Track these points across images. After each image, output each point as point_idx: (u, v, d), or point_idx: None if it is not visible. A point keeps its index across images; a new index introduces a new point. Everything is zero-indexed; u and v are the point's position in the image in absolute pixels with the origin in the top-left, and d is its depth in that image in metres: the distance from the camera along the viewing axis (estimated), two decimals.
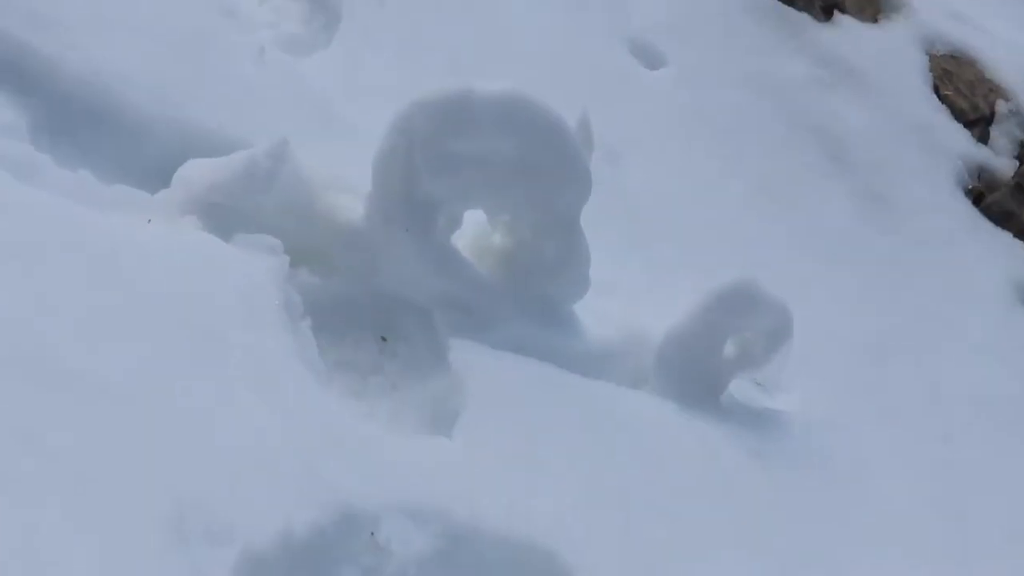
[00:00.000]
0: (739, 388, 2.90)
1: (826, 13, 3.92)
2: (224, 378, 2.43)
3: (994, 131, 3.86)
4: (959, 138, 3.78)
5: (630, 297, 2.89)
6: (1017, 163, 3.86)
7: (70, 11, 2.97)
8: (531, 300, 2.82)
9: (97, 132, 2.82)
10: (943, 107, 3.84)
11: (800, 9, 3.82)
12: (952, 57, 4.00)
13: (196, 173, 2.72)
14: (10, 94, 2.79)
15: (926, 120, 3.79)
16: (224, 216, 2.68)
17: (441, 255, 2.76)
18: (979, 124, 3.88)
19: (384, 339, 2.69)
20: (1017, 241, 3.67)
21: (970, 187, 3.73)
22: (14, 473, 2.12)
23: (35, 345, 2.36)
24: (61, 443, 2.20)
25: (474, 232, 2.84)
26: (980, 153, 3.80)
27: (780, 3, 3.85)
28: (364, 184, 2.73)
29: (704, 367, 2.85)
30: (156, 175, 2.76)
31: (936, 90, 3.88)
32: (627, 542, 2.53)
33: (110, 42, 2.92)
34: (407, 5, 3.32)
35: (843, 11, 3.91)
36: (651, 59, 3.57)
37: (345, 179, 2.74)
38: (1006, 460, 3.23)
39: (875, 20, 3.97)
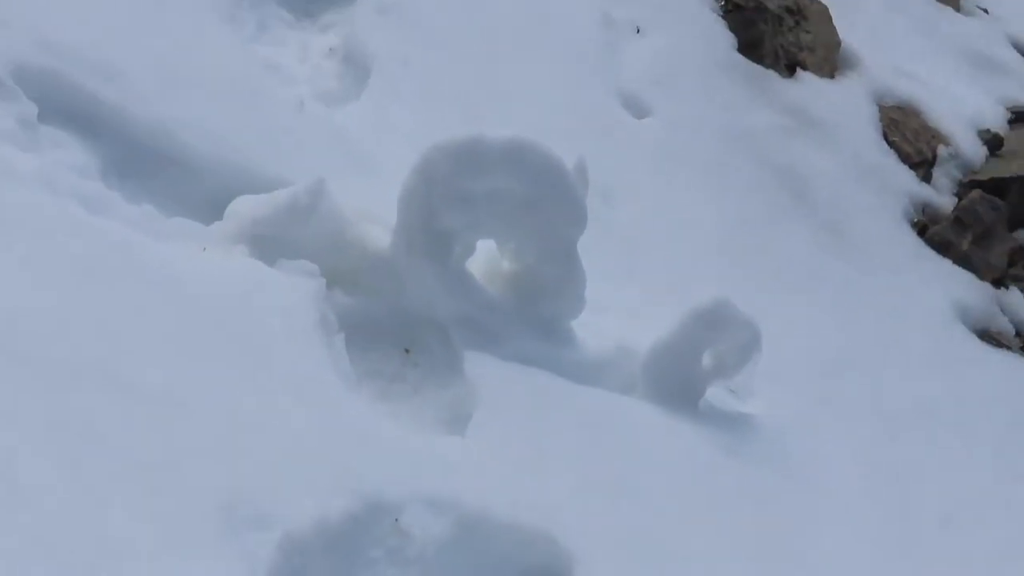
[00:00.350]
0: (715, 394, 2.90)
1: (790, 70, 3.92)
2: (267, 385, 2.43)
3: (936, 172, 3.87)
4: (905, 178, 3.78)
5: (620, 315, 2.90)
6: (956, 200, 3.86)
7: (135, 65, 2.97)
8: (534, 318, 2.82)
9: (159, 172, 2.82)
10: (892, 152, 3.84)
11: (767, 67, 3.82)
12: (899, 108, 4.00)
13: (244, 208, 2.73)
14: (84, 138, 2.80)
15: (877, 163, 3.79)
16: (269, 245, 2.69)
17: (456, 279, 2.77)
18: (923, 166, 3.89)
19: (407, 351, 2.69)
20: (956, 267, 3.68)
21: (915, 220, 3.73)
22: (88, 468, 2.12)
23: (105, 356, 2.37)
24: (127, 442, 2.20)
25: (485, 258, 2.84)
26: (924, 191, 3.80)
27: (750, 62, 3.85)
28: (390, 217, 2.73)
29: (684, 376, 2.85)
30: (210, 209, 2.76)
31: (885, 137, 3.88)
32: (618, 528, 2.53)
33: (170, 93, 2.92)
34: (427, 63, 3.32)
35: (804, 68, 3.90)
36: (638, 110, 3.57)
37: (373, 213, 2.74)
38: (943, 456, 3.23)
39: (832, 76, 3.98)
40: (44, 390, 2.23)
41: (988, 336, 3.57)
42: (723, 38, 3.89)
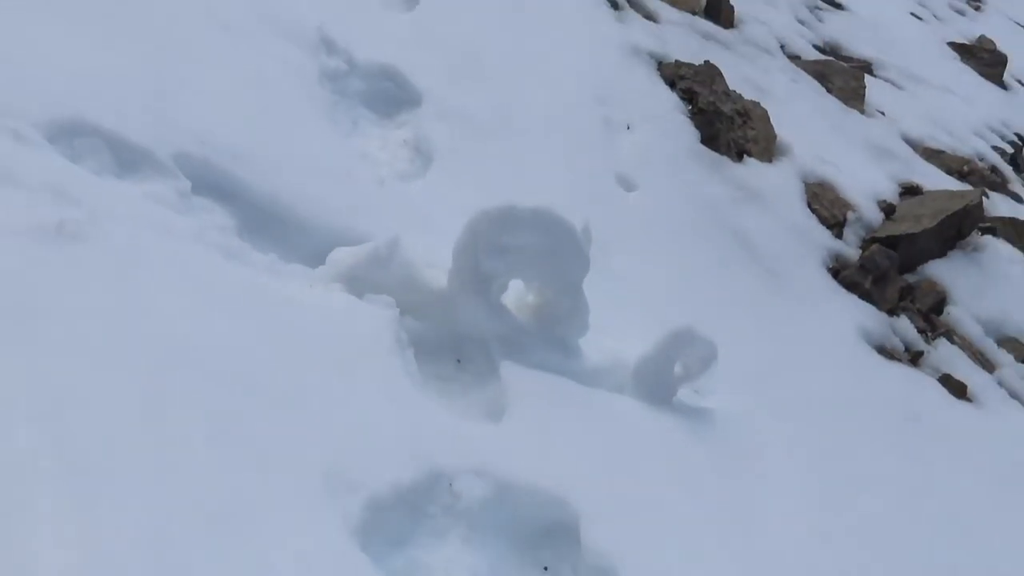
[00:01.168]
0: (684, 394, 2.90)
1: (739, 156, 3.93)
2: (355, 386, 2.44)
3: (846, 231, 3.89)
4: (824, 236, 3.78)
5: (614, 336, 2.90)
6: (860, 251, 3.87)
7: (261, 151, 2.99)
8: (551, 337, 2.83)
9: (279, 230, 2.84)
10: (813, 216, 3.85)
11: (723, 154, 3.84)
12: (819, 184, 4.01)
13: (341, 256, 2.74)
14: (224, 205, 2.82)
15: (803, 224, 3.79)
16: (358, 284, 2.70)
17: (495, 308, 2.78)
18: (836, 227, 3.90)
19: (459, 361, 2.71)
20: (860, 301, 3.68)
21: (831, 267, 3.73)
22: (218, 453, 2.13)
23: (241, 365, 2.38)
24: (260, 429, 2.21)
25: (515, 294, 2.85)
26: (837, 245, 3.80)
27: (710, 151, 3.88)
28: (446, 263, 2.74)
29: (661, 380, 2.85)
30: (316, 257, 2.78)
31: (809, 205, 3.89)
32: (614, 493, 2.52)
33: (287, 172, 2.94)
34: (472, 152, 3.34)
35: (750, 156, 3.90)
36: (628, 185, 3.58)
37: (434, 261, 2.76)
38: (856, 441, 3.22)
39: (771, 161, 4.00)
40: (204, 389, 2.25)
41: (884, 351, 3.58)
42: (691, 134, 3.90)
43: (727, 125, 3.87)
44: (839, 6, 5.42)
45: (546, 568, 2.35)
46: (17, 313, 2.15)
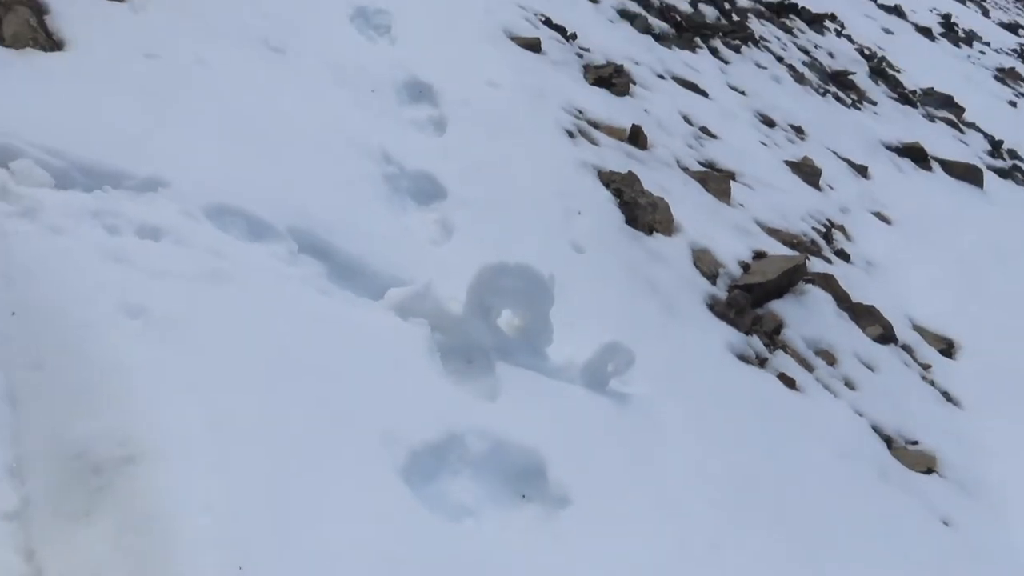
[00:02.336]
0: (613, 383, 2.89)
1: (650, 232, 3.92)
2: (401, 377, 2.44)
3: (718, 281, 3.88)
4: (704, 284, 3.77)
5: (569, 346, 2.88)
6: (728, 293, 3.89)
7: (341, 224, 2.96)
8: (529, 347, 2.81)
9: (354, 277, 2.82)
10: (698, 271, 3.86)
11: (640, 231, 3.85)
12: (701, 250, 4.01)
13: (394, 294, 2.73)
14: (318, 260, 2.80)
15: (691, 277, 3.78)
16: (405, 311, 2.68)
17: (493, 328, 2.77)
18: (712, 278, 3.88)
19: (469, 361, 2.68)
20: (728, 326, 3.68)
21: (708, 303, 3.74)
22: (312, 418, 2.13)
23: (324, 362, 2.38)
24: (333, 406, 2.22)
25: (506, 319, 2.83)
26: (712, 289, 3.79)
27: (632, 229, 3.89)
28: (462, 299, 2.73)
29: (600, 375, 2.83)
30: (378, 294, 2.76)
31: (695, 264, 3.90)
32: (570, 448, 2.51)
33: (361, 237, 2.94)
34: (477, 228, 3.33)
35: (657, 232, 3.90)
36: (579, 250, 3.57)
37: (456, 296, 2.75)
38: (723, 414, 3.20)
39: (671, 235, 4.01)
40: (303, 377, 2.25)
41: (743, 358, 3.57)
42: (619, 218, 3.92)
43: (642, 212, 3.90)
44: (714, 136, 5.48)
45: (524, 496, 2.34)
46: (186, 327, 2.18)
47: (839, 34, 10.45)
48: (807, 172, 5.64)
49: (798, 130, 6.45)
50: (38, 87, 2.78)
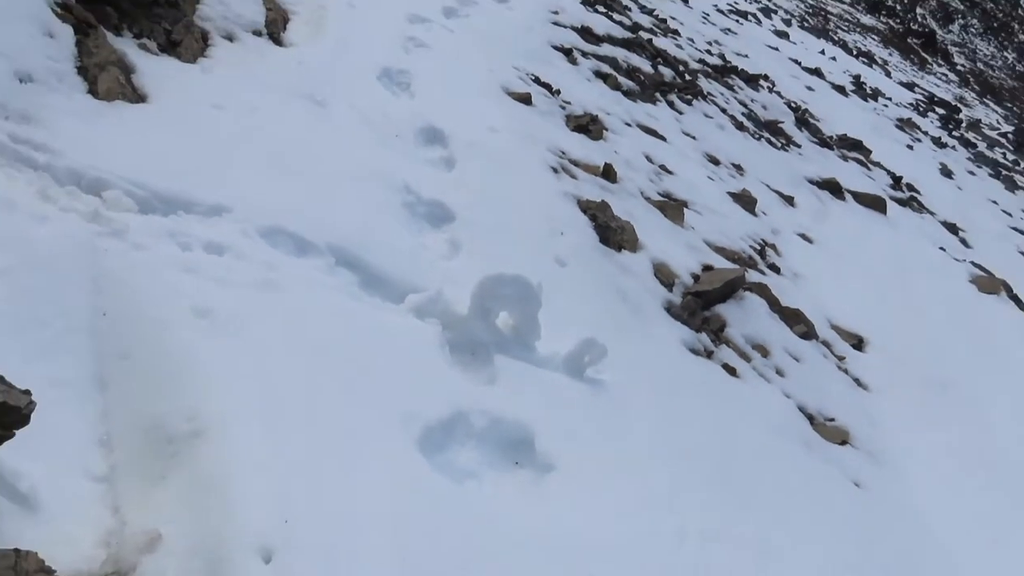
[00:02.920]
0: (589, 371, 2.86)
1: (619, 250, 3.81)
2: (417, 366, 2.42)
3: (675, 289, 3.84)
4: (663, 291, 3.72)
5: (553, 341, 2.85)
6: (682, 299, 3.82)
7: (370, 243, 2.88)
8: (521, 342, 2.78)
9: (381, 285, 2.79)
10: (658, 281, 3.81)
11: (611, 249, 3.79)
12: (661, 264, 3.95)
13: (412, 299, 2.71)
14: (351, 271, 2.78)
15: (652, 286, 3.72)
16: (421, 313, 2.66)
17: (492, 327, 2.74)
18: (669, 287, 3.82)
19: (472, 354, 2.66)
20: (682, 326, 3.63)
21: (666, 307, 3.68)
22: (342, 400, 2.11)
23: (353, 355, 2.35)
24: (360, 389, 2.20)
25: (502, 319, 2.80)
26: (670, 296, 3.74)
27: (605, 247, 3.85)
28: (467, 303, 2.70)
29: (578, 365, 2.81)
30: (399, 299, 2.73)
31: (655, 275, 3.85)
32: (554, 423, 2.49)
33: (383, 254, 2.90)
34: (480, 247, 3.21)
35: (625, 250, 3.85)
36: (562, 263, 3.51)
37: (462, 301, 2.73)
38: (679, 395, 3.15)
39: (636, 252, 3.92)
40: (334, 365, 2.23)
41: (694, 351, 3.54)
42: (594, 238, 3.88)
43: (613, 233, 3.87)
44: (671, 172, 5.47)
45: (516, 462, 2.32)
46: (244, 325, 2.17)
47: (771, 91, 10.48)
48: (745, 201, 5.65)
49: (738, 168, 6.46)
50: (125, 132, 2.79)
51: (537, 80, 5.68)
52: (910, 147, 11.82)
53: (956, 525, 3.41)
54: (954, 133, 15.58)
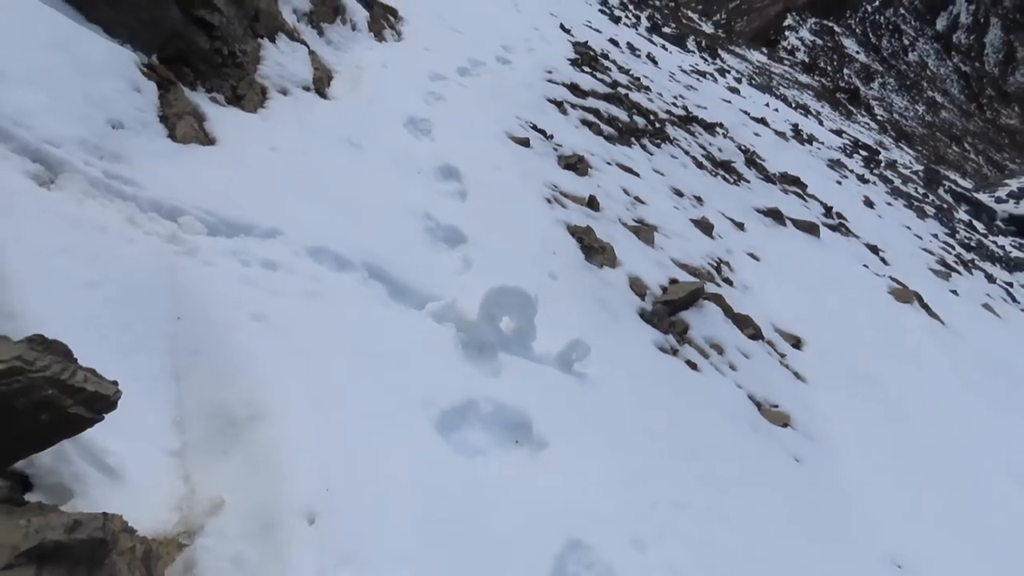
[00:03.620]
0: (576, 367, 2.82)
1: (600, 267, 3.80)
2: (435, 362, 2.39)
3: (647, 298, 3.75)
4: (636, 300, 3.65)
5: (547, 341, 2.83)
6: (652, 307, 3.79)
7: (396, 261, 2.86)
8: (520, 342, 2.76)
9: (405, 294, 2.76)
10: (633, 291, 3.78)
11: (594, 265, 3.74)
12: (635, 278, 3.91)
13: (431, 307, 2.69)
14: (382, 283, 2.72)
15: (628, 296, 3.63)
16: (438, 318, 2.65)
17: (496, 329, 2.72)
18: (642, 296, 3.77)
19: (481, 351, 2.63)
20: (654, 329, 3.57)
21: (640, 313, 3.65)
22: (371, 392, 2.09)
23: (384, 351, 2.32)
24: (386, 382, 2.16)
25: (505, 323, 2.77)
26: (643, 304, 3.68)
27: (589, 263, 3.78)
28: (476, 310, 2.67)
29: (568, 360, 2.79)
30: (420, 307, 2.71)
31: (631, 287, 3.81)
32: (549, 410, 2.45)
33: (408, 269, 2.87)
34: (487, 264, 3.13)
35: (606, 267, 3.82)
36: (554, 277, 3.46)
37: (472, 308, 2.70)
38: (652, 384, 3.10)
39: (615, 268, 3.88)
40: (364, 362, 2.21)
41: (663, 350, 3.51)
42: (580, 256, 3.84)
43: (596, 253, 3.87)
44: (643, 203, 5.47)
45: (517, 441, 2.30)
46: (293, 328, 2.16)
47: (725, 136, 10.51)
48: (704, 226, 5.65)
49: (698, 199, 6.47)
50: (198, 169, 2.79)
51: (534, 127, 5.73)
52: (839, 182, 11.86)
53: (877, 495, 3.42)
54: (875, 171, 15.63)
